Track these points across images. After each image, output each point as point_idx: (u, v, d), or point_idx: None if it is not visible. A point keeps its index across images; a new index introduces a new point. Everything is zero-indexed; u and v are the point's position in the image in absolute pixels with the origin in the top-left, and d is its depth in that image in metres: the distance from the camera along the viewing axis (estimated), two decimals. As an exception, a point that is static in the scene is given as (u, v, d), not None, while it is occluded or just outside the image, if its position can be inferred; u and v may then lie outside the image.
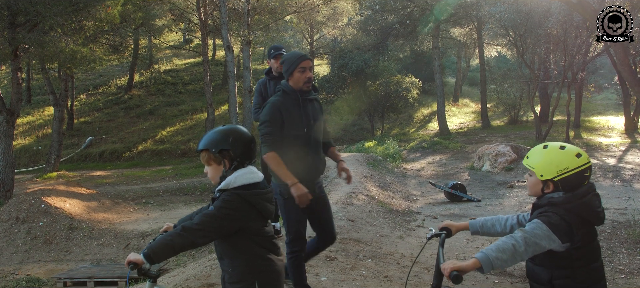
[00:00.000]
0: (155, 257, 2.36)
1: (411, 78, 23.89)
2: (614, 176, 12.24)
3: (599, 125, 23.85)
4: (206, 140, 2.57)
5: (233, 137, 2.55)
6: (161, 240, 2.40)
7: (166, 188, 15.85)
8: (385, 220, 7.98)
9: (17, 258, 9.62)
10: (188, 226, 2.41)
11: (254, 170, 2.57)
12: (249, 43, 20.63)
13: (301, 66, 3.56)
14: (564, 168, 2.35)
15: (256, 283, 2.52)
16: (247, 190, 2.49)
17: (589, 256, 2.36)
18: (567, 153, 2.38)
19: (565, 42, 17.56)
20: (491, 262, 2.22)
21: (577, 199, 2.32)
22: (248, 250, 2.52)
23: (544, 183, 2.42)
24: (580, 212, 2.31)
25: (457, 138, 21.70)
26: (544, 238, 2.25)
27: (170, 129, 26.61)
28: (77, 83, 30.83)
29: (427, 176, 14.04)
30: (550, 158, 2.40)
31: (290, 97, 3.58)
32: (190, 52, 36.04)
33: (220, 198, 2.48)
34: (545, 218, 2.29)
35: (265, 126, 3.52)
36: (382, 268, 5.26)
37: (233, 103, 20.16)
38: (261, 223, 2.57)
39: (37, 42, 13.37)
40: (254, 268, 2.52)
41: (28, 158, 23.76)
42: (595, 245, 2.41)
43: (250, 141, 2.61)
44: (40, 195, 11.33)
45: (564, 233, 2.27)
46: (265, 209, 2.57)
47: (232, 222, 2.44)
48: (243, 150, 2.56)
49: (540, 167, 2.41)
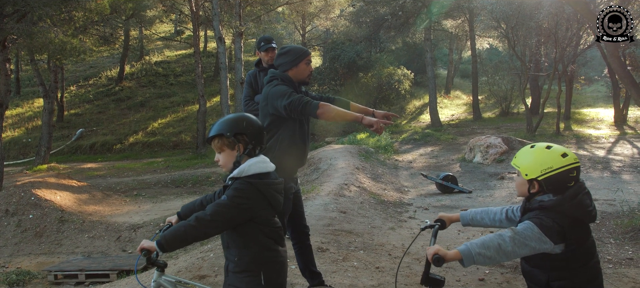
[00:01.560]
0: (168, 246, 2.39)
1: (403, 70, 23.92)
2: (603, 167, 12.35)
3: (588, 117, 24.03)
4: (219, 125, 2.56)
5: (246, 121, 2.55)
6: (175, 230, 2.42)
7: (157, 180, 15.79)
8: (377, 212, 8.01)
9: (7, 252, 9.56)
10: (201, 216, 2.41)
11: (266, 160, 2.58)
12: (240, 34, 20.54)
13: (308, 58, 3.59)
14: (548, 167, 2.35)
15: (262, 274, 2.51)
16: (259, 179, 2.49)
17: (585, 256, 2.36)
18: (552, 152, 2.39)
19: (556, 35, 17.65)
20: (473, 257, 2.23)
21: (568, 201, 2.31)
22: (256, 241, 2.51)
23: (530, 182, 2.41)
24: (572, 213, 2.31)
25: (449, 130, 21.78)
26: (534, 239, 2.25)
27: (162, 120, 26.47)
28: (67, 74, 30.55)
29: (419, 168, 14.09)
30: (535, 157, 2.40)
31: (292, 86, 3.55)
32: (181, 43, 35.80)
33: (232, 187, 2.47)
34: (537, 221, 2.29)
35: (290, 94, 3.38)
36: (374, 259, 5.29)
37: (225, 95, 20.09)
38: (270, 214, 2.57)
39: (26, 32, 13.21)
40: (260, 259, 2.52)
41: (17, 150, 23.55)
42: (590, 243, 2.41)
43: (261, 127, 2.61)
44: (30, 188, 11.24)
45: (557, 236, 2.26)
46: (276, 200, 2.56)
47: (244, 211, 2.44)
48: (256, 134, 2.56)
49: (525, 167, 2.41)
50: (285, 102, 3.34)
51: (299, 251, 3.88)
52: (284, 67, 3.57)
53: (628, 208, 7.50)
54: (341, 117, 3.35)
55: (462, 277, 5.00)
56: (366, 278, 4.68)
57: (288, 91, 3.39)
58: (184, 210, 2.87)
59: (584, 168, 12.32)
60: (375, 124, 3.20)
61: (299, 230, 3.84)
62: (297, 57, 3.55)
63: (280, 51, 3.65)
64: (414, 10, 24.39)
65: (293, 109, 3.32)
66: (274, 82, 3.52)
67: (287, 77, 3.55)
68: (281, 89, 3.43)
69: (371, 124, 3.21)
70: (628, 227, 6.64)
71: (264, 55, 5.31)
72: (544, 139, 17.49)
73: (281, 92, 3.40)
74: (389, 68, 23.68)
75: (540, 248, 2.26)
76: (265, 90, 3.56)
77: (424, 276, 2.40)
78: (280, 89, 3.43)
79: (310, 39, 32.79)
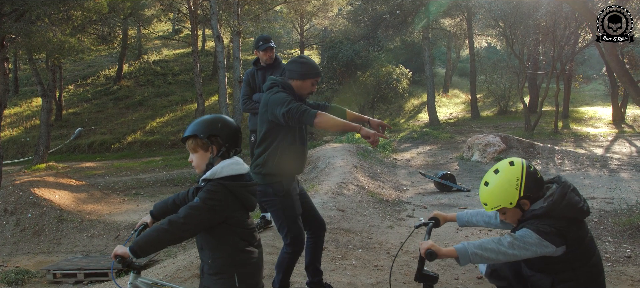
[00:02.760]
0: (141, 251, 2.40)
1: (401, 68, 23.92)
2: (601, 166, 12.37)
3: (587, 116, 24.07)
4: (194, 126, 2.55)
5: (221, 123, 2.54)
6: (148, 235, 2.41)
7: (156, 179, 15.78)
8: (375, 210, 8.02)
9: (6, 251, 9.55)
10: (174, 220, 2.39)
11: (240, 161, 2.57)
12: (238, 33, 20.53)
13: (316, 80, 3.58)
14: (516, 181, 2.38)
15: (236, 276, 2.51)
16: (232, 181, 2.48)
17: (586, 254, 2.38)
18: (505, 171, 2.42)
19: (554, 33, 17.67)
20: (469, 256, 2.27)
21: (559, 203, 2.33)
22: (229, 242, 2.51)
23: (518, 205, 2.42)
24: (565, 214, 2.33)
25: (447, 128, 21.80)
26: (534, 244, 2.27)
27: (160, 119, 26.45)
28: (66, 74, 30.52)
29: (417, 166, 14.11)
30: (501, 185, 2.41)
31: (291, 94, 3.51)
32: (179, 42, 35.76)
33: (205, 189, 2.46)
34: (534, 227, 2.31)
35: (290, 102, 3.36)
36: (373, 258, 5.30)
37: (223, 93, 20.07)
38: (244, 215, 2.57)
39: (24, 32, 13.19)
40: (234, 261, 2.52)
41: (16, 149, 23.52)
42: (589, 240, 2.43)
43: (237, 129, 2.60)
44: (28, 187, 11.23)
45: (557, 237, 2.28)
46: (249, 201, 2.56)
47: (217, 213, 2.43)
48: (230, 137, 2.55)
49: (503, 199, 2.41)
50: (283, 110, 3.34)
51: (312, 245, 3.87)
52: (292, 74, 3.54)
53: (626, 206, 7.52)
54: (338, 127, 3.37)
55: (461, 276, 5.01)
56: (365, 277, 4.70)
57: (287, 99, 3.38)
58: (157, 209, 2.86)
59: (582, 166, 12.35)
60: (372, 136, 3.23)
61: (317, 224, 3.84)
62: (308, 73, 3.53)
63: (296, 58, 3.63)
64: (412, 9, 24.40)
65: (291, 116, 3.32)
66: (275, 89, 3.50)
67: (288, 85, 3.52)
68: (281, 96, 3.42)
69: (368, 136, 3.23)
70: (626, 226, 6.66)
71: (262, 55, 5.31)
72: (542, 138, 17.54)
73: (280, 100, 3.39)
74: (387, 67, 23.67)
75: (542, 252, 2.27)
76: (265, 97, 3.54)
77: (418, 272, 2.44)
78: (279, 96, 3.42)
79: (309, 37, 32.78)
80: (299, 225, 3.61)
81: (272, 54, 5.32)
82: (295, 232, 3.59)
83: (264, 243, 5.32)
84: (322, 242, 3.92)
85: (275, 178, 3.53)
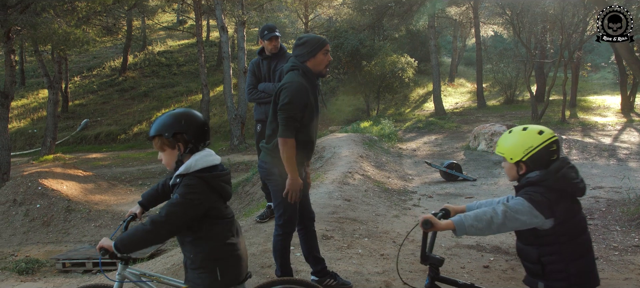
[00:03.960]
0: (124, 249, 2.43)
1: (407, 58, 23.80)
2: (610, 155, 12.31)
3: (595, 105, 23.90)
4: (157, 125, 2.53)
5: (185, 119, 2.50)
6: (132, 233, 2.42)
7: (162, 169, 15.84)
8: (381, 200, 8.02)
9: (16, 240, 9.65)
10: (156, 219, 2.38)
11: (212, 153, 2.55)
12: (243, 23, 20.47)
13: (325, 48, 3.52)
14: (529, 147, 2.49)
15: (217, 270, 2.50)
16: (207, 172, 2.47)
17: (573, 230, 2.44)
18: (529, 133, 2.53)
19: (562, 21, 17.51)
20: (465, 228, 2.36)
21: (553, 174, 2.42)
22: (209, 236, 2.50)
23: (517, 165, 2.54)
24: (558, 186, 2.41)
25: (453, 118, 21.72)
26: (525, 213, 2.35)
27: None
28: (71, 65, 30.59)
29: (423, 156, 14.08)
30: (515, 141, 2.54)
31: (311, 79, 3.52)
32: (184, 33, 35.75)
33: (182, 184, 2.44)
34: (526, 196, 2.40)
35: (289, 108, 3.39)
36: (379, 247, 5.31)
37: (228, 84, 20.07)
38: (222, 206, 2.56)
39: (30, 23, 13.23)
40: (214, 255, 2.51)
41: (24, 141, 23.67)
42: (579, 218, 2.50)
43: (203, 123, 2.57)
44: (37, 178, 11.32)
45: (546, 208, 2.36)
46: (225, 191, 2.56)
47: (198, 207, 2.42)
48: (196, 132, 2.51)
49: (508, 151, 2.55)
50: (283, 107, 3.42)
51: (303, 236, 3.90)
52: (302, 58, 3.51)
53: (634, 195, 7.48)
54: (286, 160, 3.44)
55: (467, 265, 5.02)
56: (371, 266, 4.71)
57: (292, 101, 3.40)
58: (145, 197, 2.86)
59: (589, 155, 12.29)
60: (291, 191, 3.47)
61: (304, 215, 3.85)
62: (314, 47, 3.50)
63: (297, 41, 3.59)
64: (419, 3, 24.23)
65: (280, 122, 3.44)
66: (294, 74, 3.50)
67: (306, 68, 3.50)
68: (291, 92, 3.42)
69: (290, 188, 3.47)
70: (634, 215, 6.63)
71: (267, 44, 5.29)
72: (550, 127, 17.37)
73: (288, 98, 3.42)
74: (392, 56, 23.55)
75: (531, 222, 2.37)
76: (284, 80, 3.51)
77: (422, 252, 2.53)
78: (290, 92, 3.43)
79: (313, 27, 32.65)
80: (295, 209, 3.62)
81: (277, 43, 5.30)
82: (290, 214, 3.60)
83: (269, 232, 5.35)
84: (312, 231, 3.94)
85: (285, 167, 3.51)
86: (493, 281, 4.57)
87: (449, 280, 2.65)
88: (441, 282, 2.65)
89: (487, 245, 5.63)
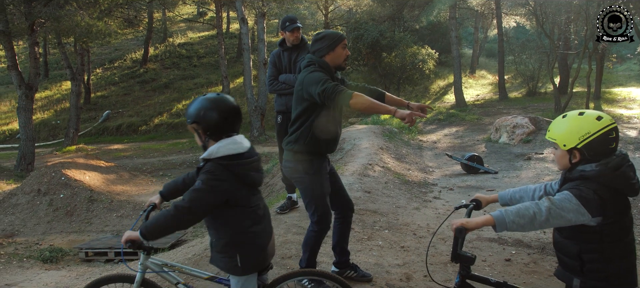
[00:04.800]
0: (150, 235, 2.47)
1: (427, 49, 23.57)
2: (635, 148, 12.04)
3: (620, 97, 23.38)
4: (186, 110, 2.59)
5: (204, 111, 2.50)
6: (156, 219, 2.45)
7: (183, 160, 16.00)
8: (401, 192, 7.97)
9: (40, 229, 9.83)
10: (180, 205, 2.42)
11: (237, 140, 2.53)
12: (263, 15, 20.47)
13: (344, 43, 3.56)
14: (585, 133, 2.28)
15: (238, 256, 2.53)
16: (230, 160, 2.47)
17: (620, 232, 2.29)
18: (586, 118, 2.32)
19: (587, 11, 17.13)
20: (506, 224, 2.19)
21: (611, 171, 2.24)
22: (232, 222, 2.53)
23: (570, 153, 2.34)
24: (615, 185, 2.24)
25: (474, 110, 21.46)
26: (571, 211, 2.18)
27: (186, 102, 26.71)
28: (93, 57, 31.02)
29: (443, 148, 13.96)
30: (570, 126, 2.34)
31: (329, 73, 3.52)
32: (204, 25, 35.94)
33: (204, 170, 2.47)
34: (576, 191, 2.22)
35: (325, 82, 3.34)
36: (399, 239, 5.27)
37: (248, 76, 20.12)
38: (247, 193, 2.55)
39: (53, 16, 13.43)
40: (235, 241, 2.54)
41: (47, 132, 24.12)
42: (628, 219, 2.33)
43: (221, 120, 2.52)
44: (60, 168, 11.50)
45: (596, 208, 2.19)
46: (250, 178, 2.55)
47: (220, 193, 2.44)
48: (213, 126, 2.51)
49: (562, 138, 2.35)
50: (319, 90, 3.33)
51: (339, 226, 3.86)
52: (321, 52, 3.54)
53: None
54: (374, 109, 3.32)
55: (488, 258, 4.95)
56: (391, 258, 4.68)
57: (323, 78, 3.37)
58: (167, 189, 2.87)
59: (614, 148, 12.03)
60: (407, 116, 3.13)
61: (344, 204, 3.83)
62: (333, 41, 3.53)
63: (315, 37, 3.61)
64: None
65: (327, 96, 3.31)
66: (311, 68, 3.51)
67: (324, 62, 3.53)
68: (316, 75, 3.41)
69: (404, 117, 3.14)
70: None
71: (289, 35, 5.27)
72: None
73: (316, 79, 3.39)
74: (412, 47, 23.34)
75: (576, 220, 2.20)
76: (301, 76, 3.54)
77: (453, 251, 2.36)
78: (315, 75, 3.42)
79: (333, 18, 32.53)
80: (326, 203, 3.61)
81: (298, 34, 5.29)
82: (322, 211, 3.58)
83: (290, 224, 5.36)
84: (349, 222, 3.91)
85: (305, 157, 3.54)
86: (515, 274, 4.50)
87: (481, 278, 2.53)
88: (472, 279, 2.53)
89: (508, 238, 5.55)
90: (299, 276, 2.98)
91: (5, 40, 13.80)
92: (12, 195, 10.80)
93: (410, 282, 4.14)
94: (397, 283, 4.07)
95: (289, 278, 2.88)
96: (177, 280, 2.88)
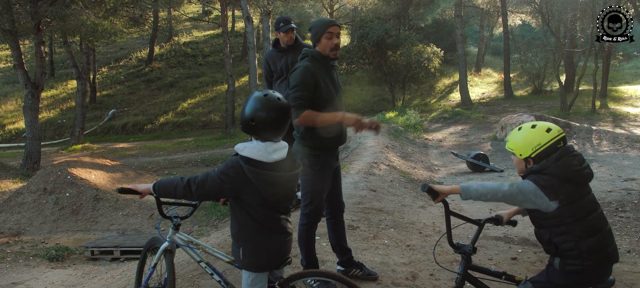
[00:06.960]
0: (160, 190, 2.71)
1: (433, 47, 23.49)
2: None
3: (626, 95, 23.25)
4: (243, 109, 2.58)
5: (257, 120, 2.50)
6: (170, 180, 2.66)
7: (188, 159, 16.02)
8: (406, 190, 7.95)
9: (46, 228, 9.85)
10: (192, 179, 2.56)
11: (263, 147, 2.50)
12: (268, 13, 20.47)
13: (328, 31, 3.47)
14: (537, 144, 2.65)
15: (241, 250, 2.61)
16: (249, 164, 2.47)
17: (578, 212, 2.58)
18: (538, 130, 2.68)
19: (593, 9, 17.03)
20: (470, 192, 2.59)
21: (553, 163, 2.59)
22: (241, 218, 2.59)
23: (526, 160, 2.70)
24: (558, 173, 2.57)
25: (479, 108, 21.39)
26: (531, 193, 2.55)
27: (191, 101, 26.76)
28: (99, 56, 31.11)
29: (449, 146, 13.91)
30: (523, 138, 2.70)
31: (320, 62, 3.51)
32: (209, 23, 35.98)
33: (226, 161, 2.56)
34: (533, 179, 2.60)
35: (295, 90, 3.38)
36: (404, 237, 5.26)
37: (253, 74, 20.13)
38: (261, 201, 2.53)
39: (59, 15, 13.47)
40: (241, 235, 2.61)
41: (53, 131, 24.22)
42: (586, 200, 2.63)
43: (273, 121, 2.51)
44: (66, 167, 11.52)
45: (550, 192, 2.54)
46: (266, 190, 2.51)
47: (224, 185, 2.49)
48: (266, 128, 2.52)
49: (518, 148, 2.71)
50: (289, 92, 3.42)
51: (331, 226, 3.87)
52: (312, 40, 3.58)
53: (669, 187, 7.25)
54: (322, 122, 3.37)
55: (495, 256, 4.93)
56: (397, 256, 4.66)
57: (297, 83, 3.39)
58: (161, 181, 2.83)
59: (621, 147, 11.96)
60: (355, 121, 3.28)
61: (334, 205, 3.83)
62: (317, 32, 3.50)
63: (309, 26, 3.62)
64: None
65: (291, 101, 3.36)
66: (301, 63, 3.50)
67: (317, 53, 3.52)
68: (294, 76, 3.44)
69: (353, 120, 3.29)
70: (669, 207, 6.43)
71: (283, 36, 5.22)
72: (579, 117, 17.06)
73: (292, 81, 3.43)
74: (418, 46, 23.27)
75: (536, 202, 2.56)
76: None
77: (449, 240, 2.80)
78: (293, 76, 3.44)
79: (338, 17, 32.46)
80: (322, 199, 3.62)
81: (293, 35, 5.25)
82: (316, 205, 3.60)
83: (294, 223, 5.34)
84: (341, 221, 3.90)
85: (312, 151, 3.53)
86: (521, 273, 4.48)
87: (482, 268, 2.83)
88: (474, 270, 2.81)
89: (515, 237, 5.53)
90: (306, 276, 2.97)
91: (12, 39, 13.85)
92: (19, 194, 10.84)
93: (416, 281, 4.12)
94: (403, 282, 4.06)
95: (297, 279, 2.87)
96: (200, 258, 3.03)
